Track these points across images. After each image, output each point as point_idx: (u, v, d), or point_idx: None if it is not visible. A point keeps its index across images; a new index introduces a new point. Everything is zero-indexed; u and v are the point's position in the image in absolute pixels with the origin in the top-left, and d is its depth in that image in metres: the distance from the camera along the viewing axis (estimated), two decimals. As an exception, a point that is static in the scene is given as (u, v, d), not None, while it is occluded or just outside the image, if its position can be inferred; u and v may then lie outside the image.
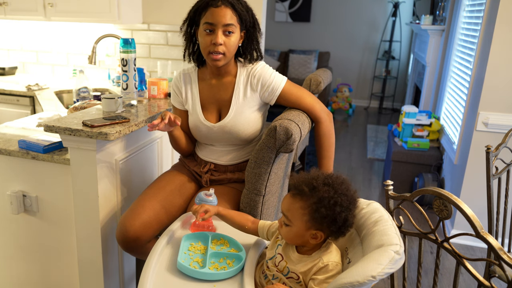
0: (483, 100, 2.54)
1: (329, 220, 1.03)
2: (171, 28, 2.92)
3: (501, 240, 1.95)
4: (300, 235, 1.06)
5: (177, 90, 1.64)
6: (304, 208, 1.04)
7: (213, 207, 1.27)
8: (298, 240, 1.08)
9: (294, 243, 1.10)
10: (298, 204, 1.05)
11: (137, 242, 1.46)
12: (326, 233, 1.06)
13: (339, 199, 1.02)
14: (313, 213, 1.03)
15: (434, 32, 4.01)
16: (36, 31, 3.33)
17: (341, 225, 1.03)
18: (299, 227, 1.05)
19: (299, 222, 1.05)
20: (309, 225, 1.05)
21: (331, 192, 1.03)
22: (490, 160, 1.65)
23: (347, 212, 1.03)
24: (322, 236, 1.06)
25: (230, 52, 1.47)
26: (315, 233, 1.05)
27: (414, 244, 2.64)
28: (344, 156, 4.40)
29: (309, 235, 1.06)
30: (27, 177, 1.64)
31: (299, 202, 1.05)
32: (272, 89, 1.54)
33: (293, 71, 6.33)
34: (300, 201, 1.05)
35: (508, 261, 0.90)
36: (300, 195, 1.05)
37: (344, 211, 1.03)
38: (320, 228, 1.04)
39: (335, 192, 1.03)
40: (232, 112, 1.55)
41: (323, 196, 1.02)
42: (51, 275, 1.75)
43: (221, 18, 1.42)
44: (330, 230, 1.04)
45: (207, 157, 1.66)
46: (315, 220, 1.03)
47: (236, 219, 1.28)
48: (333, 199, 1.02)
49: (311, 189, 1.04)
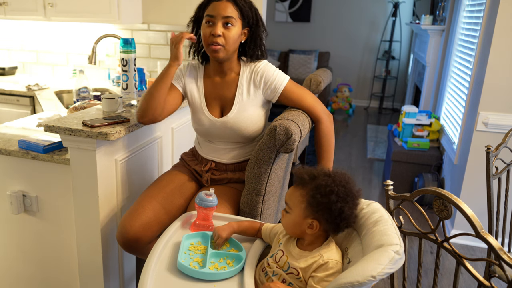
0: (483, 100, 2.54)
1: (323, 208, 1.04)
2: (171, 28, 2.92)
3: (501, 240, 1.95)
4: (298, 224, 1.09)
5: (180, 75, 1.62)
6: (303, 196, 1.07)
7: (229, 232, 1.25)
8: (296, 229, 1.10)
9: (292, 232, 1.12)
10: (298, 192, 1.09)
11: (137, 243, 1.46)
12: (322, 224, 1.07)
13: (336, 188, 1.04)
14: (310, 199, 1.06)
15: (434, 32, 4.01)
16: (36, 31, 3.33)
17: (336, 216, 1.04)
18: (297, 214, 1.08)
19: (297, 209, 1.08)
20: (306, 213, 1.07)
21: (329, 181, 1.05)
22: (490, 160, 1.65)
23: (343, 203, 1.04)
24: (318, 226, 1.07)
25: (230, 44, 1.48)
26: (311, 221, 1.07)
27: (414, 244, 2.64)
28: (344, 156, 4.40)
29: (306, 224, 1.07)
30: (27, 177, 1.64)
31: (299, 190, 1.09)
32: (275, 86, 1.55)
33: (293, 71, 6.33)
34: (301, 189, 1.09)
35: (508, 261, 0.90)
36: (301, 184, 1.09)
37: (340, 202, 1.04)
38: (316, 217, 1.06)
39: (332, 182, 1.05)
40: (236, 109, 1.56)
41: (321, 183, 1.05)
42: (51, 275, 1.75)
43: (221, 10, 1.46)
44: (325, 219, 1.05)
45: (208, 155, 1.66)
46: (311, 207, 1.06)
47: (248, 231, 1.30)
48: (329, 187, 1.04)
49: (311, 177, 1.08)
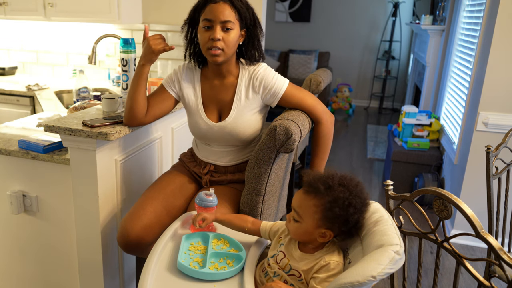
0: (483, 100, 2.54)
1: (341, 221, 1.04)
2: (171, 28, 2.92)
3: (501, 240, 1.95)
4: (309, 233, 1.07)
5: (175, 79, 1.60)
6: (317, 206, 1.05)
7: (211, 215, 1.28)
8: (306, 237, 1.09)
9: (301, 239, 1.11)
10: (311, 202, 1.06)
11: (139, 245, 1.46)
12: (336, 233, 1.07)
13: (354, 200, 1.03)
14: (326, 212, 1.04)
15: (434, 32, 4.01)
16: (36, 31, 3.33)
17: (352, 227, 1.05)
18: (309, 224, 1.06)
19: (310, 219, 1.06)
20: (319, 224, 1.05)
21: (346, 193, 1.03)
22: (490, 160, 1.65)
23: (359, 214, 1.05)
24: (331, 236, 1.07)
25: (229, 48, 1.46)
26: (325, 231, 1.06)
27: (414, 244, 2.64)
28: (344, 156, 4.40)
29: (318, 233, 1.06)
30: (27, 177, 1.64)
31: (312, 200, 1.06)
32: (274, 91, 1.54)
33: (293, 71, 6.33)
34: (314, 198, 1.06)
35: (508, 261, 0.90)
36: (314, 193, 1.06)
37: (357, 213, 1.04)
38: (330, 227, 1.05)
39: (350, 194, 1.04)
40: (234, 113, 1.55)
41: (338, 196, 1.03)
42: (51, 275, 1.75)
43: (219, 14, 1.42)
44: (341, 230, 1.05)
45: (206, 158, 1.65)
46: (327, 219, 1.04)
47: (235, 222, 1.29)
48: (347, 200, 1.03)
49: (326, 188, 1.05)
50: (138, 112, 1.52)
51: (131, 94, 1.52)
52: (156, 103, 1.57)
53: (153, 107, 1.57)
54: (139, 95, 1.51)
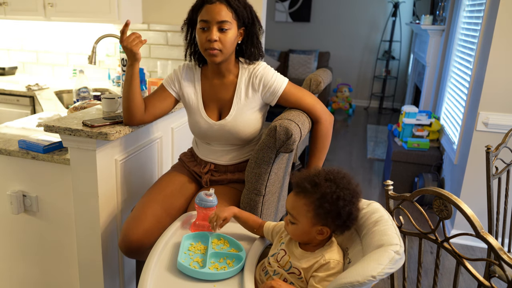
0: (483, 100, 2.54)
1: (333, 215, 1.04)
2: (171, 28, 2.92)
3: (501, 240, 1.95)
4: (307, 232, 1.07)
5: (175, 79, 1.61)
6: (308, 205, 1.05)
7: (229, 213, 1.27)
8: (305, 237, 1.09)
9: (301, 240, 1.11)
10: (301, 202, 1.06)
11: (140, 249, 1.46)
12: (332, 228, 1.07)
13: (341, 193, 1.03)
14: (317, 209, 1.04)
15: (434, 32, 4.01)
16: (36, 31, 3.33)
17: (346, 219, 1.05)
18: (305, 224, 1.07)
19: (304, 219, 1.06)
20: (314, 222, 1.06)
21: (333, 187, 1.04)
22: (490, 160, 1.65)
23: (351, 205, 1.05)
24: (328, 232, 1.07)
25: (227, 48, 1.46)
26: (321, 228, 1.06)
27: (414, 244, 2.64)
28: (344, 156, 4.40)
29: (315, 231, 1.07)
30: (27, 177, 1.64)
31: (302, 200, 1.06)
32: (274, 90, 1.54)
33: (293, 71, 6.33)
34: (304, 198, 1.06)
35: (508, 261, 0.90)
36: (303, 193, 1.06)
37: (348, 205, 1.04)
38: (325, 223, 1.05)
39: (337, 187, 1.04)
40: (234, 112, 1.55)
41: (326, 191, 1.03)
42: (51, 275, 1.75)
43: (215, 14, 1.42)
44: (335, 224, 1.05)
45: (206, 157, 1.65)
46: (319, 216, 1.04)
47: (249, 222, 1.30)
48: (335, 194, 1.03)
49: (313, 185, 1.05)
50: (136, 111, 1.53)
51: (125, 94, 1.52)
52: (156, 102, 1.58)
53: (153, 106, 1.57)
54: (133, 95, 1.51)
